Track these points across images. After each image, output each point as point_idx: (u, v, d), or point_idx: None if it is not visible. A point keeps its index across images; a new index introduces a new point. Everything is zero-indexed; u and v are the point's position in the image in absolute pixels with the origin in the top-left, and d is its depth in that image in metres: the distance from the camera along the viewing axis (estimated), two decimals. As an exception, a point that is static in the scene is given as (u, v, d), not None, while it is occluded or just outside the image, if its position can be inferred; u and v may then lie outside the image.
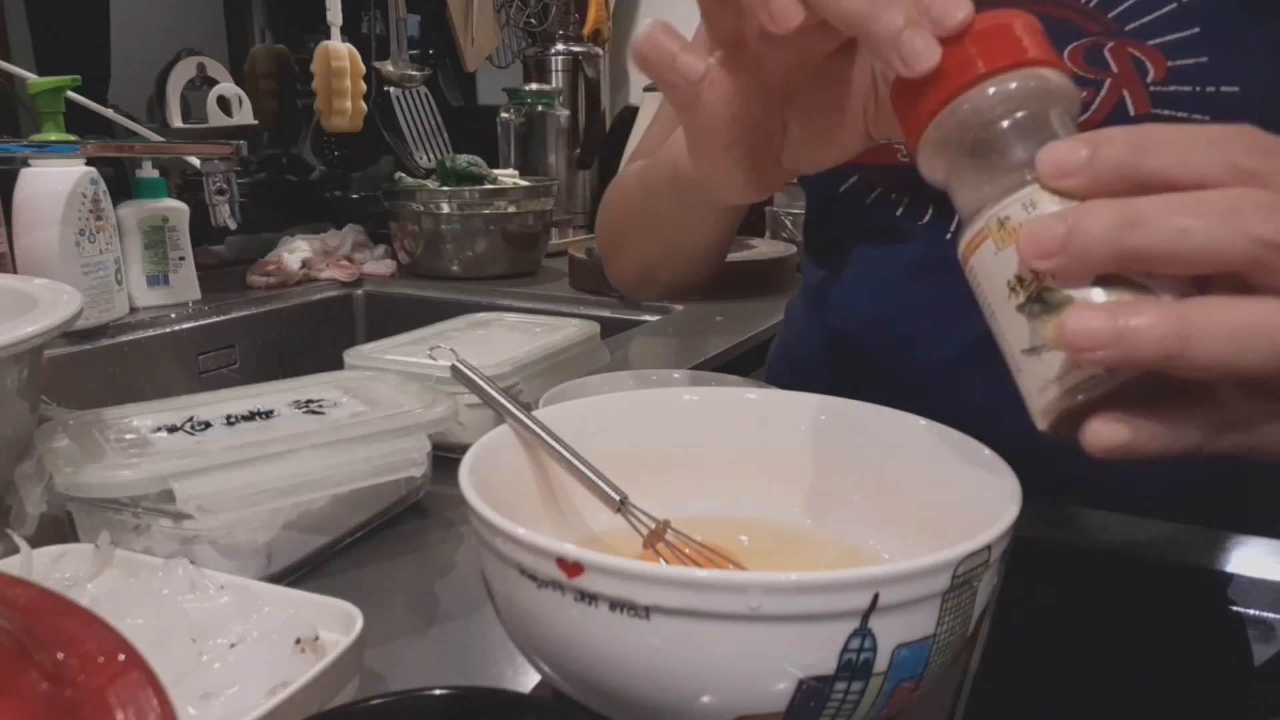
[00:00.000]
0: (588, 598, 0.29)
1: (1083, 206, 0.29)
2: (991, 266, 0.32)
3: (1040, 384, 0.31)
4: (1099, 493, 0.56)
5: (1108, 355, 0.28)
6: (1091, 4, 0.55)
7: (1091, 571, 0.52)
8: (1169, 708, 0.41)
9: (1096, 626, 0.46)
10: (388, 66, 1.43)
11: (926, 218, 0.64)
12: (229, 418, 0.53)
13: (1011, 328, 0.32)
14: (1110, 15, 0.54)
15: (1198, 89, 0.52)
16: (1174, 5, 0.53)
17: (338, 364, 0.67)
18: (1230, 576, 0.50)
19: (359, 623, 0.38)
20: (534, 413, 0.43)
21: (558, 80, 1.72)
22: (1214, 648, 0.45)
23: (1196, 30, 0.52)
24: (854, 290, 0.70)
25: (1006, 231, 0.31)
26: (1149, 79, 0.53)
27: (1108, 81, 0.54)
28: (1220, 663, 0.44)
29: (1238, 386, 0.30)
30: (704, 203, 0.66)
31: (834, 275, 0.72)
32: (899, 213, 0.65)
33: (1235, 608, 0.48)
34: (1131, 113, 0.53)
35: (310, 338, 1.28)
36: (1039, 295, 0.30)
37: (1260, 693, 0.41)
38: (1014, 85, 0.32)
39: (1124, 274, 0.29)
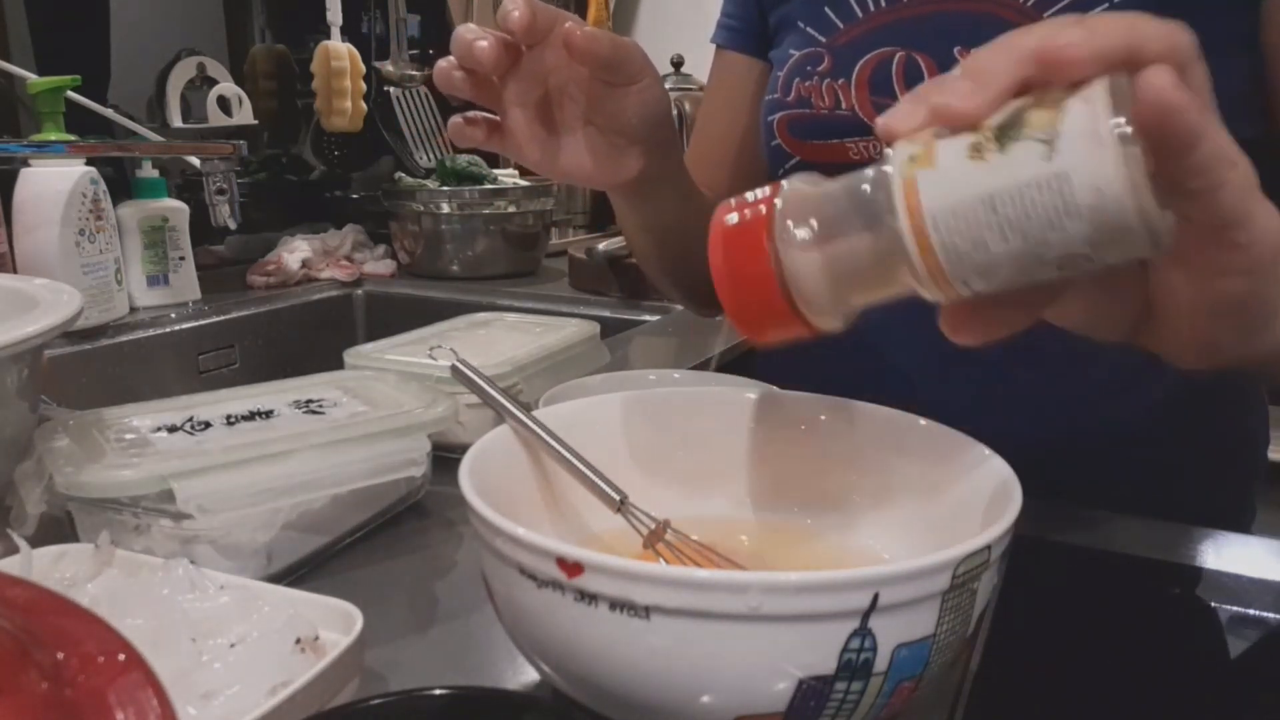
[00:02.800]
0: (588, 598, 0.29)
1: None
2: (948, 178, 0.30)
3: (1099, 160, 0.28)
4: (1078, 483, 0.57)
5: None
6: (1029, 4, 0.56)
7: (1091, 571, 0.52)
8: (1169, 707, 0.41)
9: (1096, 626, 0.46)
10: (388, 66, 1.43)
11: None
12: (229, 418, 0.53)
13: (1016, 168, 0.29)
14: (1045, 15, 0.55)
15: None
16: (1105, 5, 0.54)
17: (338, 364, 0.67)
18: (1230, 576, 0.50)
19: (359, 623, 0.38)
20: (534, 413, 0.43)
21: (557, 80, 1.72)
22: (1214, 648, 0.45)
23: None
24: None
25: (922, 152, 0.31)
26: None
27: None
28: (1220, 663, 0.44)
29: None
30: (628, 215, 0.68)
31: None
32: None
33: (1235, 608, 0.48)
34: None
35: (310, 338, 1.28)
36: (1011, 122, 0.30)
37: (1261, 693, 0.41)
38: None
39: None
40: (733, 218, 0.34)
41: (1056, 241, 0.29)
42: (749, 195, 0.35)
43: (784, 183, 0.34)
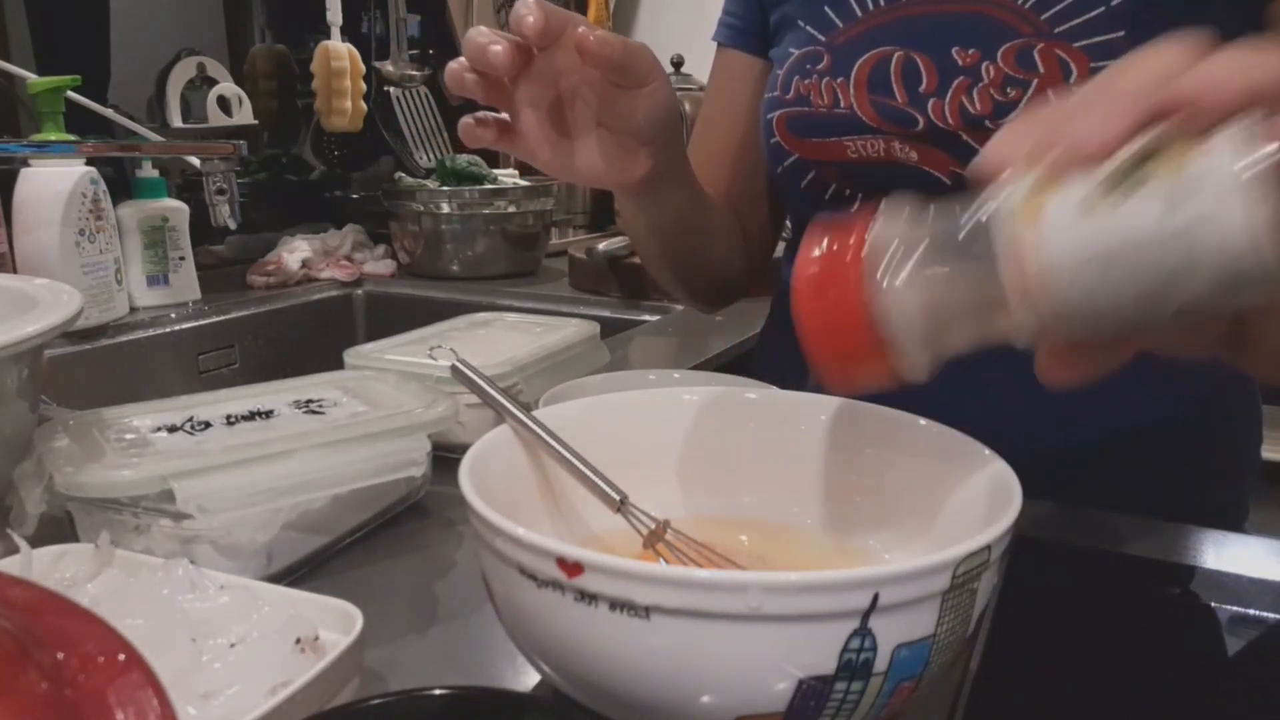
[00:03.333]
0: (588, 598, 0.29)
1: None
2: (1062, 228, 0.28)
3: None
4: (1072, 482, 0.57)
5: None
6: (1027, 5, 0.56)
7: (1091, 571, 0.52)
8: (1169, 707, 0.41)
9: (1096, 626, 0.46)
10: (388, 66, 1.43)
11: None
12: (229, 418, 0.53)
13: (1139, 220, 0.27)
14: (1043, 17, 0.55)
15: None
16: (1102, 9, 0.54)
17: (338, 364, 0.67)
18: (1230, 576, 0.50)
19: (359, 623, 0.38)
20: (534, 413, 0.43)
21: (557, 80, 1.72)
22: (1214, 648, 0.45)
23: (1121, 34, 0.53)
24: None
25: (1033, 197, 0.29)
26: (1073, 80, 0.54)
27: (1034, 82, 0.55)
28: (1220, 663, 0.44)
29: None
30: (634, 214, 0.68)
31: None
32: (854, 210, 0.66)
33: (1235, 608, 0.48)
34: None
35: (310, 338, 1.28)
36: (1131, 169, 0.28)
37: (1260, 693, 0.41)
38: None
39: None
40: (817, 254, 0.32)
41: (1177, 295, 0.28)
42: (829, 237, 0.33)
43: (874, 222, 0.32)
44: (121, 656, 0.23)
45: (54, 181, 0.94)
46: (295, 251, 1.31)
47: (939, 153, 0.60)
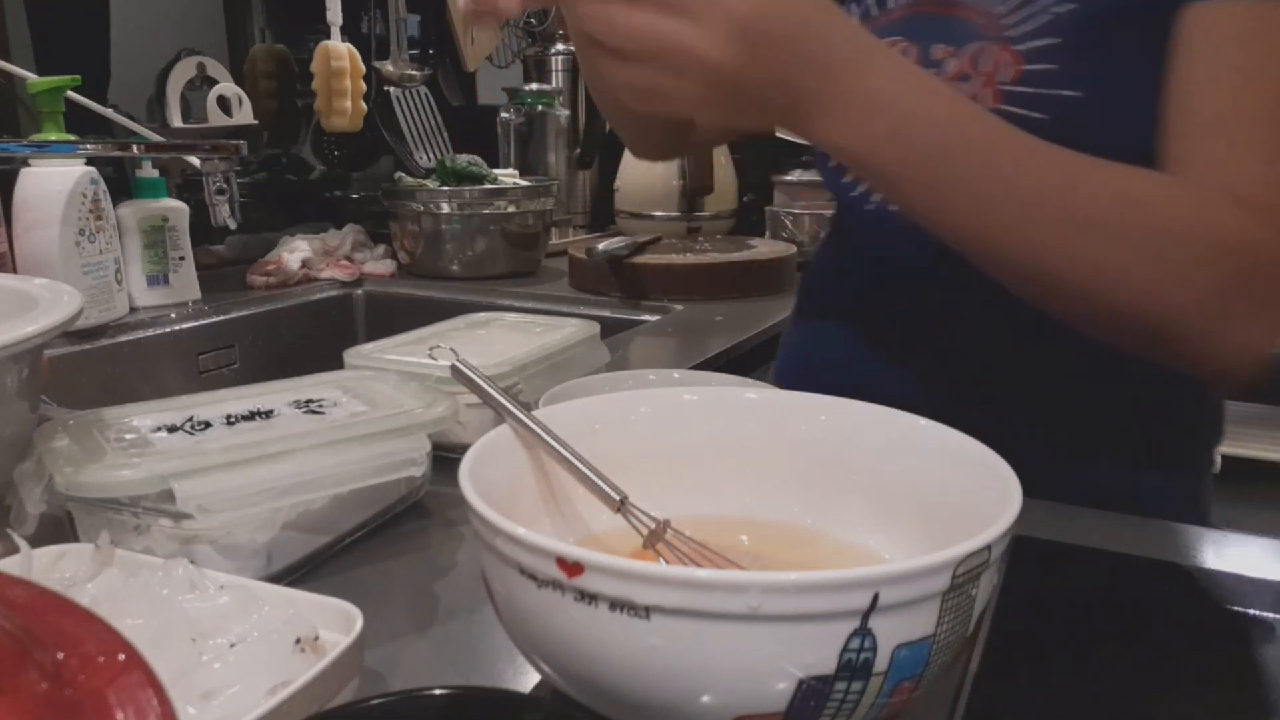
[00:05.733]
0: (588, 598, 0.29)
1: None
2: None
3: None
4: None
5: None
6: (995, 11, 0.60)
7: (1091, 571, 0.52)
8: (1169, 708, 0.41)
9: (1096, 626, 0.46)
10: (388, 66, 1.43)
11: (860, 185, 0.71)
12: (229, 418, 0.53)
13: None
14: (1001, 21, 0.60)
15: (1042, 92, 0.58)
16: (1049, 18, 0.58)
17: (338, 364, 0.67)
18: (1230, 576, 0.50)
19: (359, 623, 0.38)
20: (534, 413, 0.43)
21: (558, 80, 1.72)
22: (1214, 648, 0.45)
23: (1059, 40, 0.58)
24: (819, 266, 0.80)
25: None
26: (1007, 79, 0.59)
27: (980, 79, 0.61)
28: (1220, 663, 0.44)
29: None
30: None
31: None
32: (845, 178, 0.72)
33: (1235, 608, 0.48)
34: (986, 106, 0.58)
35: (310, 338, 1.28)
36: None
37: (1260, 693, 0.41)
38: None
39: None
40: None
41: None
42: None
43: None
44: (121, 656, 0.23)
45: (54, 181, 0.94)
46: (295, 251, 1.31)
47: None
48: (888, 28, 0.66)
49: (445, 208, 1.35)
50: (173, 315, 1.12)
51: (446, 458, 0.48)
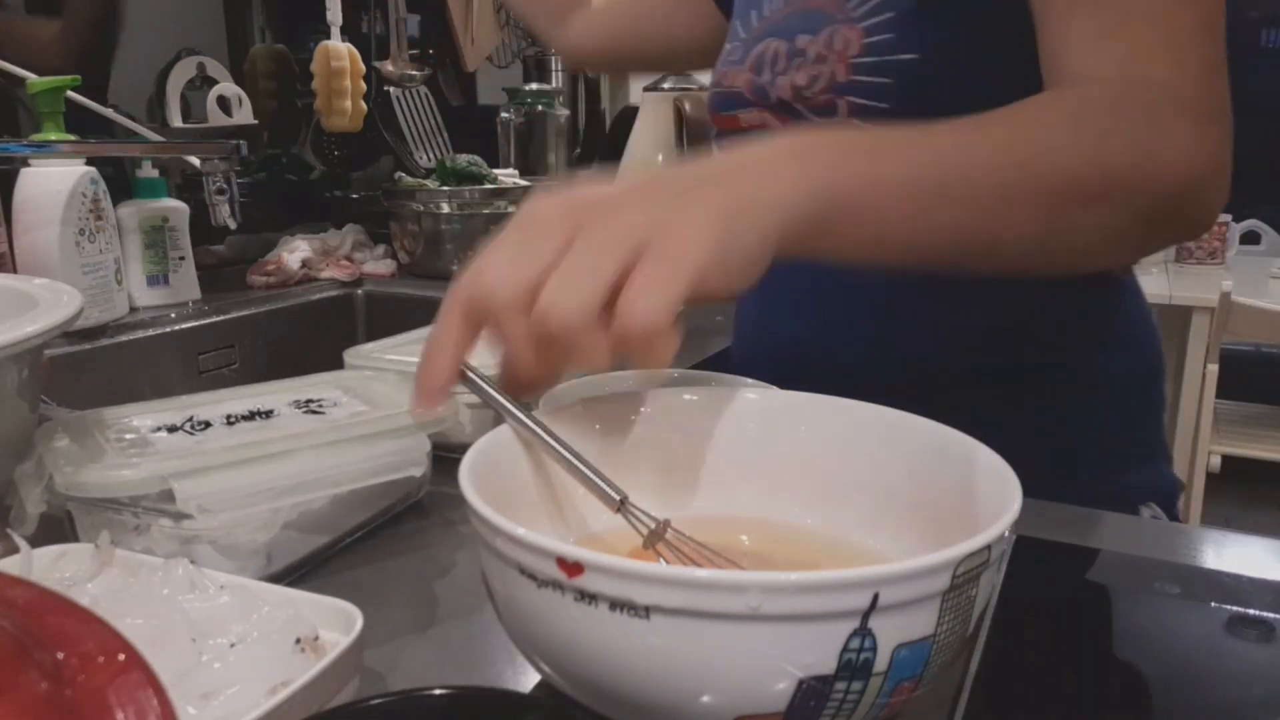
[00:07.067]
0: (588, 598, 0.29)
1: None
2: None
3: None
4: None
5: None
6: (849, 3, 0.66)
7: (1092, 571, 0.52)
8: (1168, 708, 0.41)
9: (1096, 626, 0.46)
10: (388, 66, 1.43)
11: None
12: (229, 418, 0.53)
13: None
14: (847, 4, 0.66)
15: (884, 59, 0.63)
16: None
17: (338, 364, 0.67)
18: (1230, 576, 0.50)
19: (359, 623, 0.38)
20: (534, 413, 0.43)
21: (558, 80, 1.72)
22: (1214, 648, 0.45)
23: (893, 14, 0.63)
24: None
25: None
26: (851, 53, 0.65)
27: (832, 57, 0.66)
28: (1220, 663, 0.44)
29: None
30: None
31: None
32: None
33: (1235, 608, 0.48)
34: (840, 80, 0.65)
35: (310, 338, 1.28)
36: None
37: (1260, 693, 0.41)
38: None
39: None
40: None
41: None
42: None
43: None
44: (121, 656, 0.23)
45: (54, 181, 0.94)
46: (295, 251, 1.31)
47: (786, 119, 0.71)
48: (770, 29, 0.73)
49: (445, 208, 1.35)
50: (173, 315, 1.11)
51: (446, 458, 0.48)
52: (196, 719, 0.33)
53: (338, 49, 1.33)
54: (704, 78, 0.89)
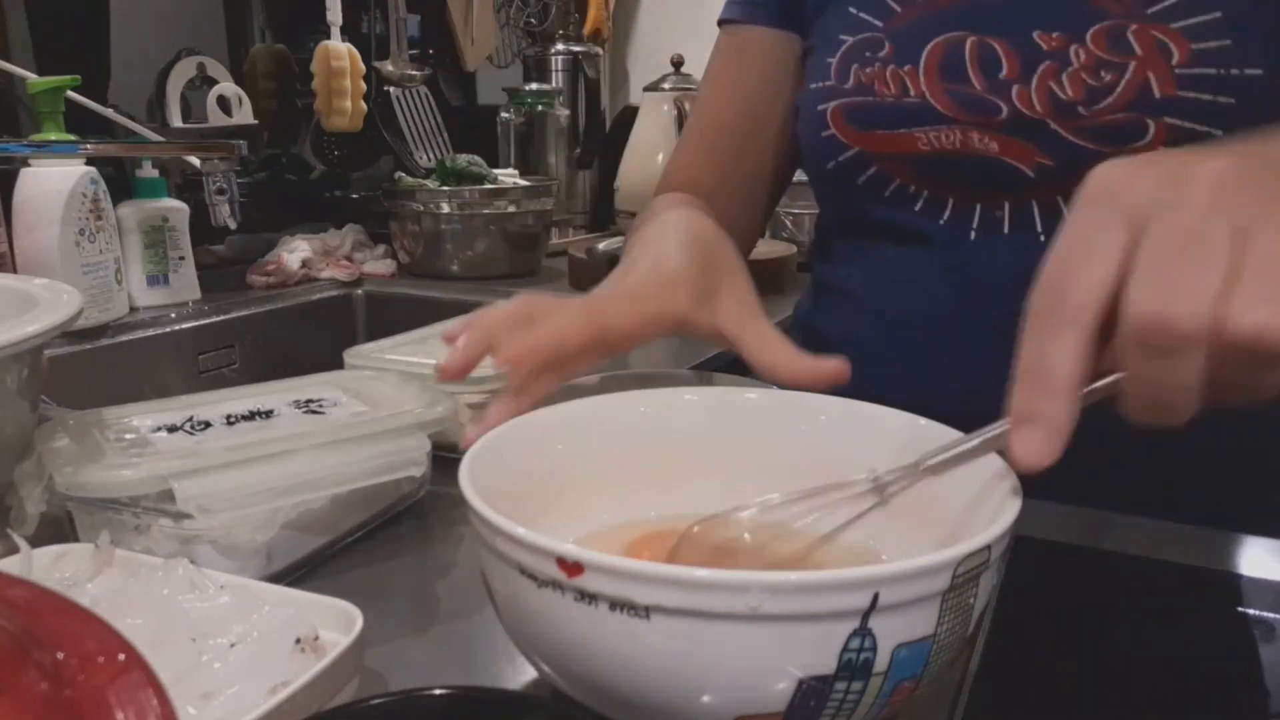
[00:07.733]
0: (588, 598, 0.29)
1: None
2: None
3: None
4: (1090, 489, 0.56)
5: None
6: None
7: (1091, 571, 0.52)
8: (1170, 708, 0.41)
9: (1097, 627, 0.46)
10: (388, 66, 1.43)
11: (946, 214, 0.62)
12: (229, 418, 0.53)
13: None
14: None
15: (1221, 71, 0.51)
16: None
17: (338, 364, 0.67)
18: (1231, 576, 0.50)
19: (359, 623, 0.38)
20: (534, 413, 0.43)
21: (558, 80, 1.72)
22: (1215, 648, 0.45)
23: (1218, 15, 0.51)
24: (876, 290, 0.68)
25: None
26: (1173, 61, 0.52)
27: (1132, 64, 0.53)
28: (1221, 663, 0.44)
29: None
30: None
31: (851, 274, 0.70)
32: (918, 207, 0.63)
33: (1237, 608, 0.48)
34: (1157, 95, 0.52)
35: (310, 338, 1.28)
36: None
37: (1261, 693, 0.41)
38: None
39: None
40: None
41: None
42: None
43: None
44: (121, 656, 0.23)
45: (54, 181, 0.94)
46: (295, 251, 1.31)
47: (1022, 143, 0.56)
48: (955, 17, 0.58)
49: (445, 208, 1.35)
50: (173, 315, 1.11)
51: (446, 458, 0.48)
52: (196, 719, 0.33)
53: (338, 49, 1.32)
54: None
